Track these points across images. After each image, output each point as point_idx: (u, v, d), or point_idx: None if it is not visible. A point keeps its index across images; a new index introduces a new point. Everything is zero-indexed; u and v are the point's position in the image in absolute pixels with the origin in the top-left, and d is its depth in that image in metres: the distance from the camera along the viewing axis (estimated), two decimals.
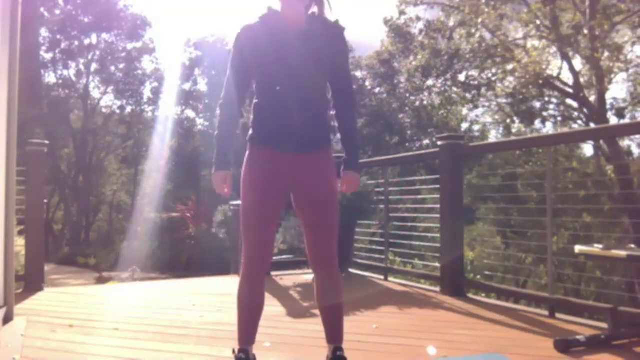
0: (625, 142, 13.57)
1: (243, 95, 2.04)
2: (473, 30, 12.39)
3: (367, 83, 18.39)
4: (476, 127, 18.13)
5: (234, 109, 2.02)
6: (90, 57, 22.75)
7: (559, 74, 12.09)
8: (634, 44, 11.15)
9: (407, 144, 17.31)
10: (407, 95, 17.43)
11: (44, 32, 20.67)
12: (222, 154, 2.03)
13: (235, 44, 2.01)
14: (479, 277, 6.79)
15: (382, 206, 4.89)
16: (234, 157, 2.05)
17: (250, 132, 2.01)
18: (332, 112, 2.07)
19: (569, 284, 9.60)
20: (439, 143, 4.16)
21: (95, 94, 23.91)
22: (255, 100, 2.01)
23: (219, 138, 2.03)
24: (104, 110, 24.72)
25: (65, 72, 22.79)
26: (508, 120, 14.63)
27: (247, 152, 2.02)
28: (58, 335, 2.78)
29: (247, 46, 1.97)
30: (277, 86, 1.93)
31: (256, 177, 1.98)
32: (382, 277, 4.70)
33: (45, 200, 7.95)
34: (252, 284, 2.00)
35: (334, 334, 2.03)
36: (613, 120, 12.83)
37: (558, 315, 3.17)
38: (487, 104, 14.82)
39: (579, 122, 12.97)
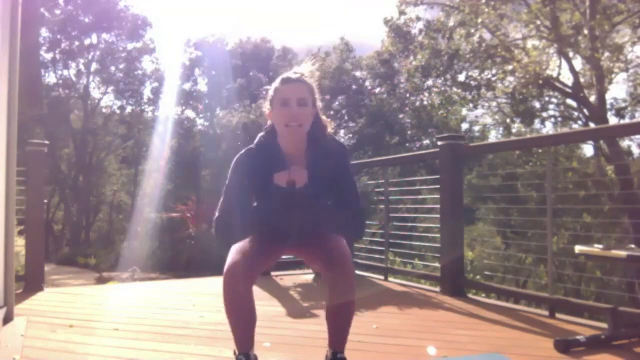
0: (625, 142, 13.57)
1: (240, 214, 1.96)
2: (473, 30, 12.38)
3: (367, 83, 18.41)
4: (476, 128, 18.15)
5: (231, 224, 1.95)
6: (90, 57, 22.76)
7: (559, 74, 12.08)
8: (634, 44, 11.14)
9: (407, 144, 17.33)
10: (407, 95, 17.44)
11: (44, 32, 20.68)
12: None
13: (233, 170, 1.95)
14: (478, 277, 6.78)
15: (382, 206, 4.89)
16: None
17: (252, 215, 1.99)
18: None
19: (569, 284, 9.60)
20: (439, 143, 4.16)
21: (95, 94, 23.95)
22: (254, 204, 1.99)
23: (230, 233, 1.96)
24: (104, 110, 24.73)
25: (65, 72, 22.82)
26: (508, 120, 14.63)
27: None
28: (58, 335, 2.78)
29: (246, 175, 1.93)
30: (276, 217, 1.92)
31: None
32: (382, 277, 4.70)
33: (45, 200, 7.96)
34: (233, 292, 1.88)
35: (339, 339, 1.96)
36: (613, 120, 12.84)
37: (558, 315, 3.17)
38: (486, 104, 14.81)
39: (579, 122, 12.97)
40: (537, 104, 13.42)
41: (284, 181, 1.85)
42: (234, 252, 1.94)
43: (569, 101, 13.05)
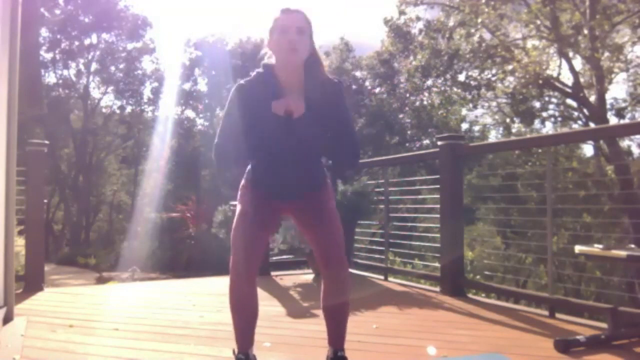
0: (625, 142, 13.57)
1: (237, 142, 1.97)
2: (473, 30, 12.38)
3: (367, 83, 18.41)
4: (476, 128, 18.16)
5: (229, 150, 1.96)
6: (90, 57, 22.74)
7: (559, 74, 12.09)
8: (634, 44, 11.15)
9: (407, 144, 17.33)
10: (407, 95, 17.45)
11: (44, 32, 20.66)
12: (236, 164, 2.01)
13: (231, 99, 1.96)
14: (478, 277, 6.78)
15: (382, 206, 4.89)
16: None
17: (249, 174, 2.02)
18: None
19: (569, 284, 9.60)
20: (439, 143, 4.16)
21: (95, 94, 23.93)
22: (251, 160, 2.01)
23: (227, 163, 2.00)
24: (104, 110, 24.72)
25: (65, 72, 22.79)
26: (508, 120, 14.63)
27: (243, 183, 2.03)
28: (58, 335, 2.78)
29: (243, 103, 1.94)
30: (273, 144, 1.93)
31: (250, 201, 1.99)
32: (382, 277, 4.70)
33: (45, 200, 7.95)
34: (239, 290, 1.97)
35: (337, 337, 2.01)
36: (613, 120, 12.83)
37: (558, 315, 3.17)
38: (487, 104, 14.82)
39: (579, 122, 12.97)
40: (537, 104, 13.43)
41: (282, 110, 1.87)
42: (238, 250, 1.97)
43: (569, 101, 13.05)
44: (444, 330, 2.93)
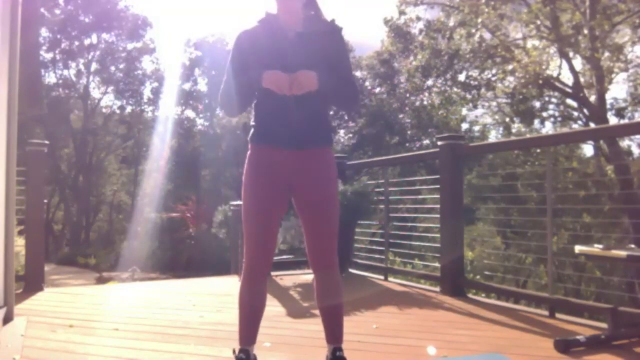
0: (625, 142, 13.57)
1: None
2: (473, 30, 12.38)
3: (367, 83, 18.41)
4: (476, 128, 18.15)
5: (233, 96, 2.00)
6: (90, 57, 22.75)
7: (559, 74, 12.09)
8: (634, 44, 11.15)
9: (407, 144, 17.33)
10: (407, 95, 17.45)
11: (44, 32, 20.68)
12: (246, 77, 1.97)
13: (235, 45, 2.02)
14: (478, 277, 6.78)
15: (382, 206, 4.89)
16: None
17: (252, 131, 2.03)
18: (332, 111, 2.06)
19: (569, 284, 9.60)
20: (439, 143, 4.16)
21: (95, 94, 23.95)
22: (255, 101, 2.01)
23: (232, 89, 1.99)
24: (104, 110, 24.73)
25: (65, 72, 22.81)
26: (508, 120, 14.63)
27: (249, 153, 2.02)
28: (58, 335, 2.78)
29: (247, 48, 1.99)
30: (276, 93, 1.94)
31: (257, 178, 1.99)
32: (382, 277, 4.70)
33: (45, 200, 7.95)
34: (253, 285, 2.01)
35: (334, 335, 2.03)
36: (613, 120, 12.83)
37: (558, 315, 3.18)
38: (487, 104, 14.82)
39: (579, 122, 12.97)
40: (537, 104, 13.42)
41: (285, 87, 1.85)
42: (251, 246, 1.98)
43: (569, 101, 13.05)
44: (444, 330, 2.93)
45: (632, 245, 2.75)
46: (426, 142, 17.24)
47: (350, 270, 5.02)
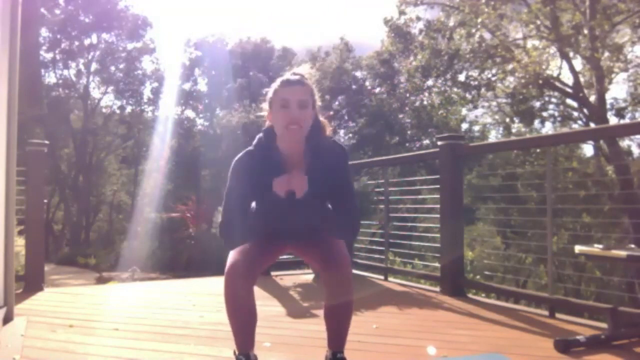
0: (625, 142, 13.56)
1: (244, 216, 1.96)
2: (473, 30, 12.37)
3: (367, 83, 18.40)
4: (476, 128, 18.15)
5: (235, 228, 1.94)
6: (90, 57, 22.76)
7: (559, 74, 12.09)
8: (634, 44, 11.14)
9: (407, 144, 17.31)
10: (407, 95, 17.42)
11: (44, 32, 20.68)
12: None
13: (233, 173, 1.94)
14: (478, 277, 6.78)
15: (382, 206, 4.89)
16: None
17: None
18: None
19: (569, 284, 9.60)
20: (439, 143, 4.16)
21: (95, 94, 23.97)
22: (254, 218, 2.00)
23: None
24: (104, 110, 24.74)
25: (65, 72, 22.82)
26: (508, 120, 14.63)
27: None
28: (58, 335, 2.78)
29: (245, 175, 1.92)
30: (275, 217, 1.95)
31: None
32: (382, 277, 4.70)
33: (45, 200, 7.95)
34: (234, 291, 1.88)
35: (338, 340, 1.97)
36: (613, 120, 12.82)
37: (558, 315, 3.17)
38: (487, 104, 14.81)
39: (579, 122, 12.97)
40: (537, 104, 13.41)
41: (284, 190, 1.85)
42: (234, 252, 1.94)
43: (569, 101, 13.05)
44: (444, 330, 2.93)
45: (632, 245, 2.75)
46: (426, 142, 17.22)
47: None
